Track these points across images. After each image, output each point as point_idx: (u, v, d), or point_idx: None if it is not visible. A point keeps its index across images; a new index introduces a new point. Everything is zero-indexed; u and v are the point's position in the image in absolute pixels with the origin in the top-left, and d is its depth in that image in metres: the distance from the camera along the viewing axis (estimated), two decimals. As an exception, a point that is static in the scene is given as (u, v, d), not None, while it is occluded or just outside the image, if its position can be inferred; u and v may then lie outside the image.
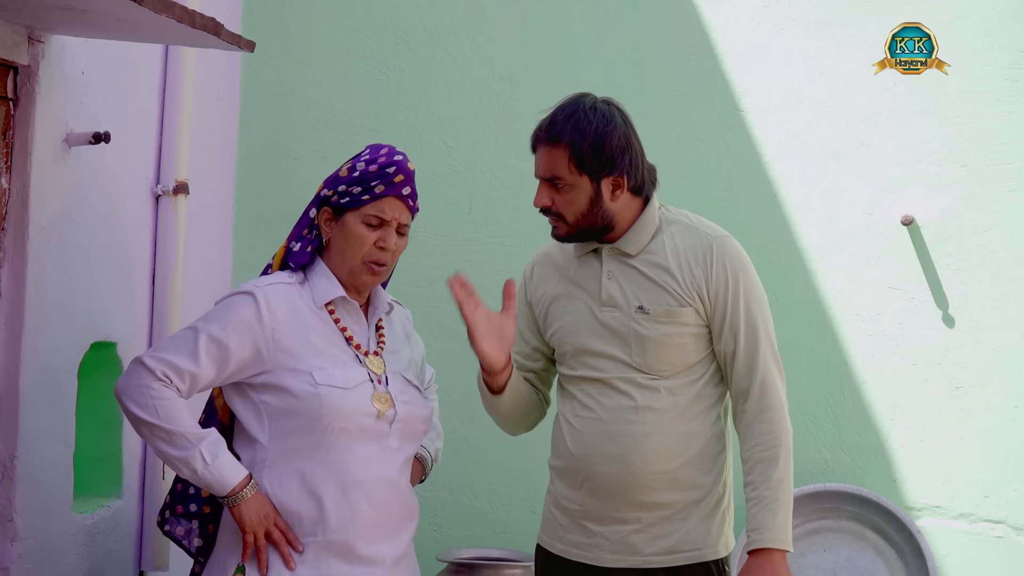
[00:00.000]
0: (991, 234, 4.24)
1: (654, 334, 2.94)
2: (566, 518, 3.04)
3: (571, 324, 3.03)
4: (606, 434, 2.96)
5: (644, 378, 2.96)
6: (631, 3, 4.47)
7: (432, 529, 4.44)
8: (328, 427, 2.74)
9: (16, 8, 2.91)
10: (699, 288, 2.95)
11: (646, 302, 2.95)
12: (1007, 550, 4.21)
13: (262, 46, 4.10)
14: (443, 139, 4.54)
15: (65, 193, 3.34)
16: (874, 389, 4.33)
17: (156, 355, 2.74)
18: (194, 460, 2.71)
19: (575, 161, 2.91)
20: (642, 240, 2.99)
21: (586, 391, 3.01)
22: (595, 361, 2.99)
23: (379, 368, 2.85)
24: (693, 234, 3.00)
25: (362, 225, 2.81)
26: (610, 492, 2.96)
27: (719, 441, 3.01)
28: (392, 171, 2.82)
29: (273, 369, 2.76)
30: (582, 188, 2.93)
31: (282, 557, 2.74)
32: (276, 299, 2.79)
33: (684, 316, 2.94)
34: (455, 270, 4.46)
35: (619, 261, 3.00)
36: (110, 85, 3.56)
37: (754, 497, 2.92)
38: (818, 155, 4.36)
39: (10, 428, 3.17)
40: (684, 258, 2.97)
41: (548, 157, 2.95)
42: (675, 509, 2.96)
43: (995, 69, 4.24)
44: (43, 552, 3.28)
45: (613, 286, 2.99)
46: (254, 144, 4.59)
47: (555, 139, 2.93)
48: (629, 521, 2.96)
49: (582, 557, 3.01)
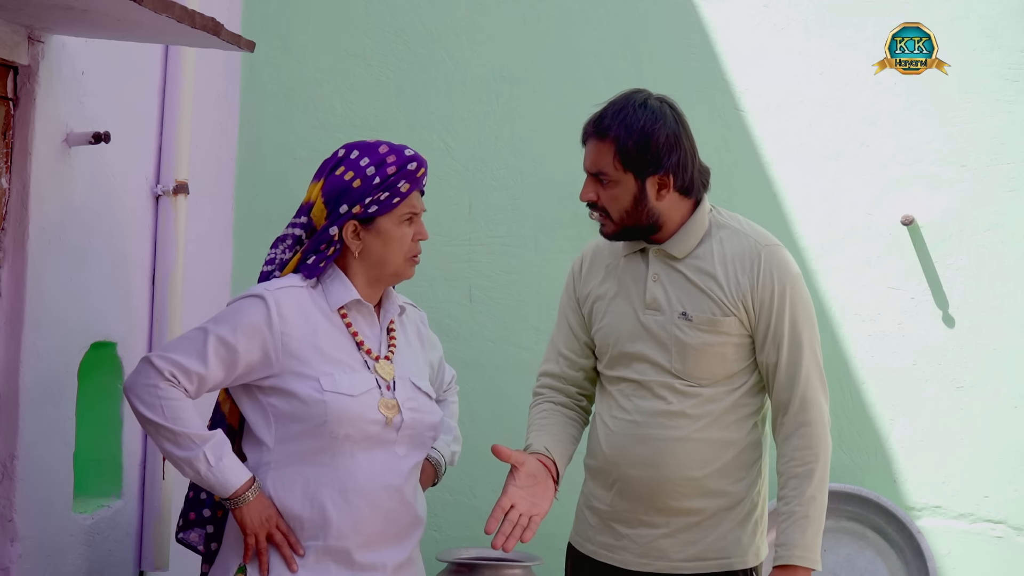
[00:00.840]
0: (991, 234, 4.24)
1: (696, 342, 2.90)
2: (596, 518, 3.02)
3: (613, 324, 2.99)
4: (639, 437, 2.93)
5: (682, 384, 2.92)
6: (631, 3, 4.47)
7: (432, 529, 4.43)
8: (333, 433, 2.74)
9: (16, 8, 2.91)
10: (744, 297, 2.90)
11: (690, 308, 2.91)
12: (1007, 550, 4.21)
13: (262, 46, 4.10)
14: (443, 139, 4.54)
15: (65, 193, 3.34)
16: (874, 389, 4.33)
17: (165, 355, 2.74)
18: (198, 461, 2.71)
19: (620, 157, 2.88)
20: (690, 243, 2.94)
21: (623, 392, 2.97)
22: (634, 364, 2.96)
23: (388, 373, 2.84)
24: (742, 241, 2.95)
25: (401, 226, 2.82)
26: (640, 495, 2.94)
27: (755, 450, 2.97)
28: (414, 167, 2.82)
29: (281, 373, 2.76)
30: (627, 185, 2.89)
31: (283, 560, 2.74)
32: (287, 303, 2.78)
33: (727, 325, 2.90)
34: (455, 271, 4.48)
35: (665, 264, 2.95)
36: (110, 85, 3.56)
37: (785, 512, 2.88)
38: (818, 155, 4.36)
39: (10, 428, 3.17)
40: (731, 265, 2.92)
41: (595, 151, 2.91)
42: (704, 516, 2.93)
43: (995, 69, 4.24)
44: (43, 552, 3.28)
45: (658, 289, 2.94)
46: (254, 144, 4.59)
47: (602, 133, 2.89)
48: (658, 525, 2.94)
49: (610, 559, 2.99)
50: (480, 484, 4.46)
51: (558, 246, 4.45)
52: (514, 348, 4.47)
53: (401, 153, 2.82)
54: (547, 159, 4.47)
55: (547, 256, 4.46)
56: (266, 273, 2.90)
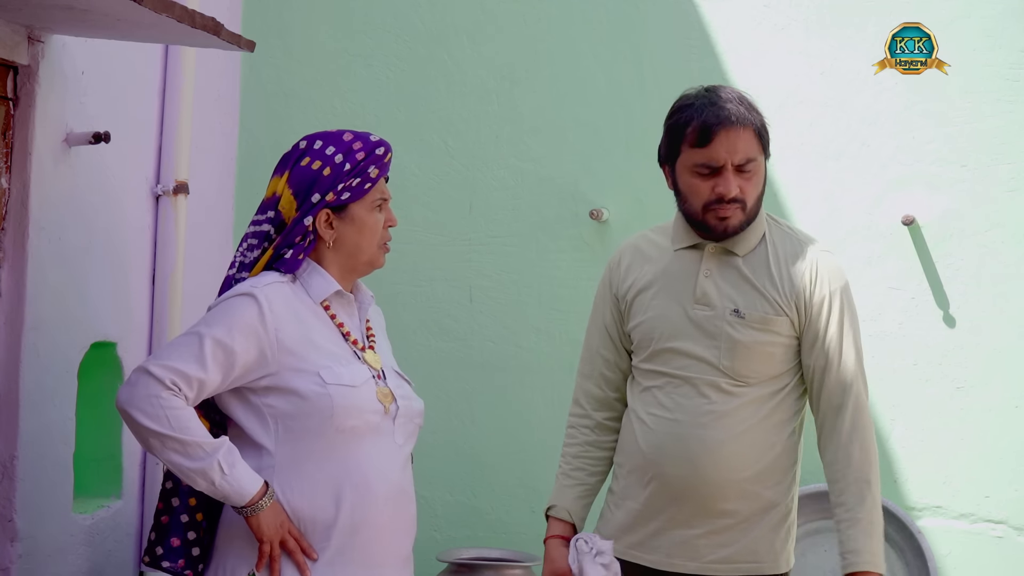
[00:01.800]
0: (991, 234, 4.24)
1: (746, 339, 2.89)
2: (626, 516, 3.00)
3: (658, 318, 2.97)
4: (679, 436, 2.91)
5: (727, 383, 2.91)
6: (631, 3, 4.46)
7: (432, 529, 4.43)
8: (339, 427, 2.70)
9: (16, 8, 2.91)
10: (798, 299, 2.91)
11: (742, 306, 2.91)
12: (1008, 550, 4.21)
13: (262, 46, 4.10)
14: (443, 139, 4.54)
15: (65, 193, 3.34)
16: (874, 389, 4.28)
17: (162, 363, 2.65)
18: (212, 471, 2.62)
19: (759, 139, 2.92)
20: (751, 242, 2.95)
21: (664, 389, 2.96)
22: (678, 360, 2.94)
23: (377, 363, 2.83)
24: (797, 244, 2.97)
25: (373, 212, 2.82)
26: (677, 496, 2.92)
27: (792, 454, 2.97)
28: (381, 152, 2.82)
29: (278, 371, 2.71)
30: (762, 170, 2.94)
31: (296, 566, 2.69)
32: (277, 299, 2.73)
33: (779, 325, 2.90)
34: (455, 271, 4.48)
35: (721, 260, 2.95)
36: (110, 85, 3.56)
37: (848, 519, 2.88)
38: (818, 155, 4.36)
39: (10, 428, 3.17)
40: (786, 266, 2.93)
41: (740, 140, 2.89)
42: (740, 518, 2.92)
43: (996, 69, 4.24)
44: (43, 552, 3.28)
45: (709, 284, 2.94)
46: (254, 144, 4.59)
47: (744, 121, 2.90)
48: (693, 525, 2.92)
49: (639, 559, 2.98)
50: (480, 484, 4.46)
51: (558, 246, 4.45)
52: (514, 348, 4.47)
53: (367, 139, 2.82)
54: (547, 159, 4.47)
55: (547, 256, 4.46)
56: (230, 278, 2.83)
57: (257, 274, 2.80)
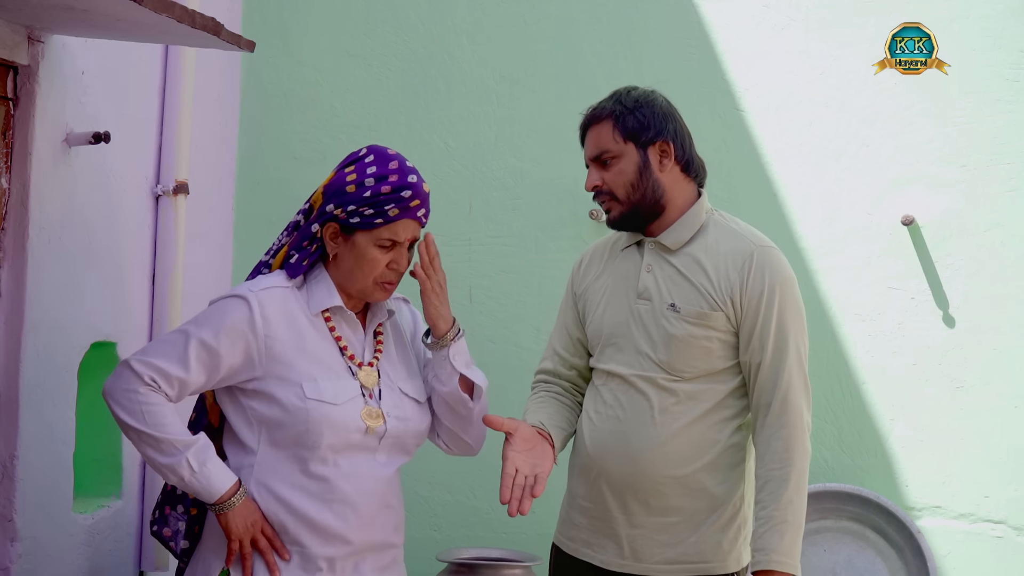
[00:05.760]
0: (991, 234, 4.24)
1: (681, 333, 2.89)
2: (579, 517, 3.00)
3: (605, 313, 3.00)
4: (620, 433, 2.92)
5: (664, 379, 2.90)
6: (631, 3, 4.47)
7: (432, 529, 4.44)
8: (315, 442, 2.70)
9: (16, 8, 2.91)
10: (733, 294, 2.89)
11: (679, 300, 2.91)
12: (1007, 550, 4.21)
13: (262, 46, 4.10)
14: (443, 139, 4.54)
15: (65, 193, 3.34)
16: (874, 389, 4.33)
17: (144, 359, 2.68)
18: (181, 467, 2.66)
19: (620, 129, 2.91)
20: (683, 236, 2.94)
21: (608, 386, 2.97)
22: (619, 355, 2.95)
23: (371, 381, 2.78)
24: (736, 240, 2.94)
25: (375, 248, 2.74)
26: (620, 493, 2.92)
27: (738, 452, 2.94)
28: (408, 196, 2.72)
29: (264, 376, 2.71)
30: (630, 157, 2.91)
31: (267, 565, 2.71)
32: (270, 304, 2.72)
33: (714, 320, 2.89)
34: (455, 271, 4.48)
35: (659, 255, 2.96)
36: (110, 85, 3.56)
37: (762, 516, 2.84)
38: (818, 155, 4.36)
39: (10, 428, 3.17)
40: (723, 262, 2.91)
41: (593, 135, 2.95)
42: (684, 516, 2.90)
43: (995, 69, 4.24)
44: (43, 552, 3.28)
45: (650, 279, 2.95)
46: (254, 144, 4.59)
47: (598, 115, 2.94)
48: (637, 525, 2.92)
49: (592, 558, 2.97)
50: (480, 484, 4.46)
51: (558, 246, 4.45)
52: (514, 348, 4.47)
53: (402, 176, 2.73)
54: (547, 159, 4.47)
55: (547, 256, 4.46)
56: (262, 263, 2.84)
57: (275, 269, 2.81)
